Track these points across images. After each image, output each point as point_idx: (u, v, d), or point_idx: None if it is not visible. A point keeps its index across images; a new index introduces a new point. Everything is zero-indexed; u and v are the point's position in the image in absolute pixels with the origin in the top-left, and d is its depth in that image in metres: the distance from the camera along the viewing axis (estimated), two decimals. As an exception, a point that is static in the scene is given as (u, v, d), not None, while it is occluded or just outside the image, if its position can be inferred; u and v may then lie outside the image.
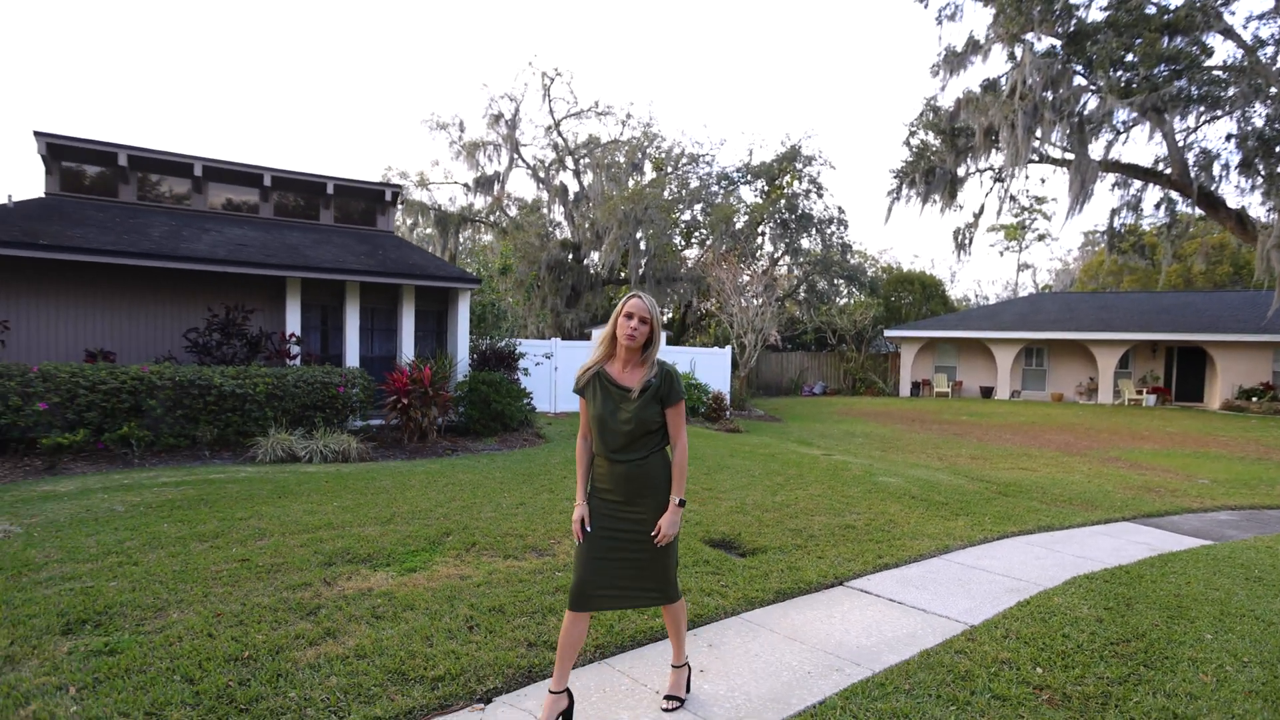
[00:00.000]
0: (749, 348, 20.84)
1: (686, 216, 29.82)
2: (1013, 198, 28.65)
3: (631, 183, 27.01)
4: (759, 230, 29.46)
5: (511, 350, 12.75)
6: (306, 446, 8.40)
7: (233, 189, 12.92)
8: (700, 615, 3.92)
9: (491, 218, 29.53)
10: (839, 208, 29.61)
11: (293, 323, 10.95)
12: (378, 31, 67.35)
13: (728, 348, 18.99)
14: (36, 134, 11.04)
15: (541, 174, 28.18)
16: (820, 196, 29.24)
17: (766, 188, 30.02)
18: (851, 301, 31.75)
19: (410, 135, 69.06)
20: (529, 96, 39.29)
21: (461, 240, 30.85)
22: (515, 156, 27.12)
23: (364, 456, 8.71)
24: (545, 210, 28.64)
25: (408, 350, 11.88)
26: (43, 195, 11.41)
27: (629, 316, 2.75)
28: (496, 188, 27.21)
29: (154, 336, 10.51)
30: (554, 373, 15.54)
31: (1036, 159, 24.25)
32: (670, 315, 31.42)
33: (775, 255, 29.93)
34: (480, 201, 28.76)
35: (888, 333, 27.33)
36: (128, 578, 4.07)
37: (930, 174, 23.64)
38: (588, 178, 27.68)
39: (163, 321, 10.62)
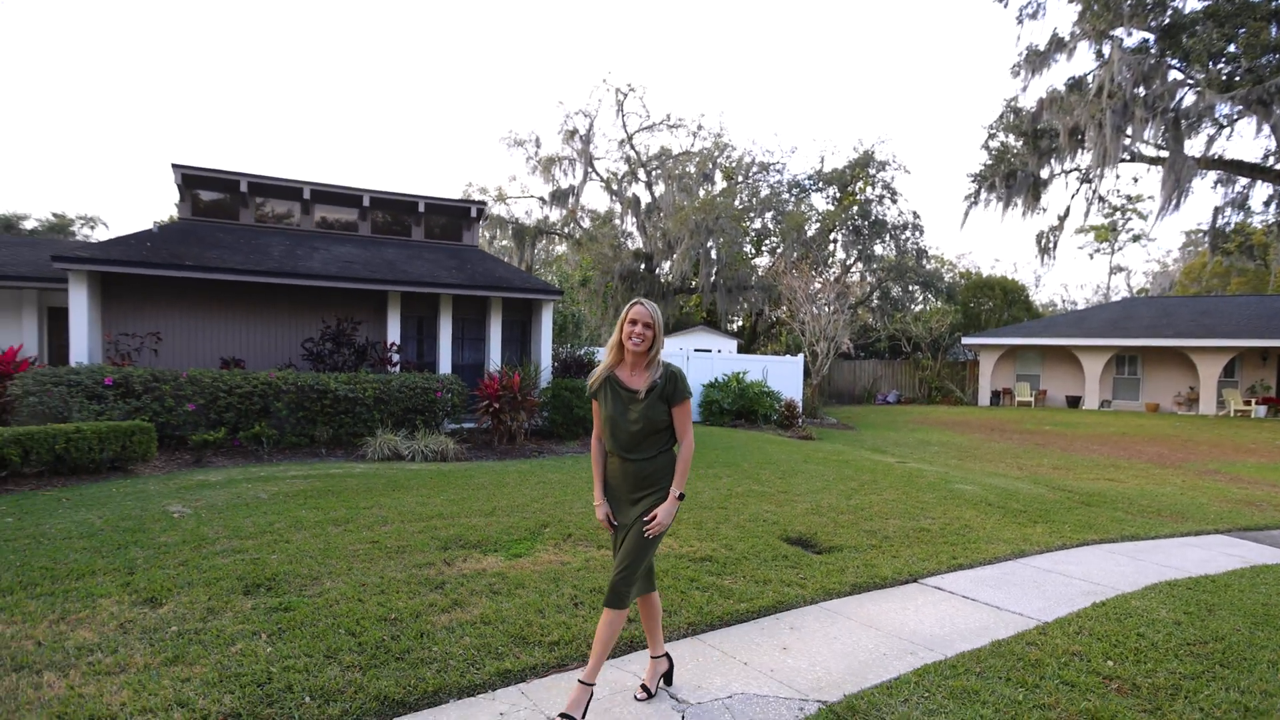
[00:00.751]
0: (821, 356, 20.83)
1: (757, 225, 29.98)
2: (1101, 198, 27.46)
3: (702, 193, 27.41)
4: (831, 237, 29.30)
5: (590, 358, 13.35)
6: (409, 446, 9.18)
7: (335, 209, 14.11)
8: (781, 602, 4.26)
9: (566, 229, 30.53)
10: (914, 213, 29.13)
11: (393, 332, 11.90)
12: (460, 55, 70.50)
13: (800, 356, 19.06)
14: (174, 166, 12.44)
15: (614, 186, 28.97)
16: (894, 202, 28.85)
17: (838, 194, 29.81)
18: (927, 308, 31.04)
19: (489, 152, 71.92)
20: (603, 112, 40.32)
21: (536, 251, 32.03)
22: (589, 170, 28.02)
23: (459, 456, 9.43)
24: (618, 221, 29.41)
25: (495, 358, 12.66)
26: (177, 219, 12.84)
27: (633, 323, 2.92)
28: (571, 200, 28.16)
29: (275, 345, 11.66)
30: (629, 380, 16.04)
31: (1128, 158, 23.22)
32: (740, 323, 31.57)
33: (848, 262, 29.66)
34: (555, 214, 29.83)
35: (965, 340, 26.60)
36: (284, 552, 4.76)
37: (1011, 177, 22.99)
38: (659, 189, 28.27)
39: (281, 331, 11.76)
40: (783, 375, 18.05)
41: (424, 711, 2.88)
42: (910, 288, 30.23)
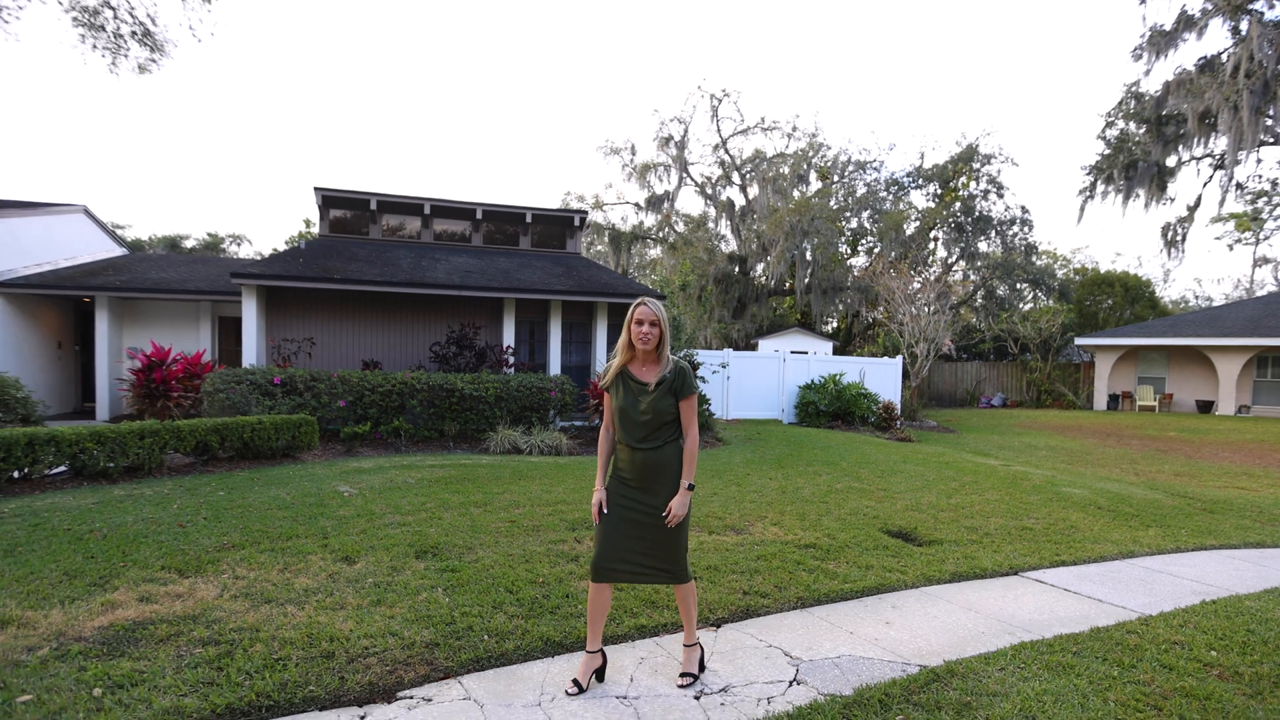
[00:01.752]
0: (920, 357, 20.42)
1: (853, 224, 29.56)
2: (1239, 185, 25.21)
3: (797, 194, 27.36)
4: (931, 235, 28.46)
5: (690, 359, 13.86)
6: (527, 441, 10.03)
7: (450, 222, 15.34)
8: (883, 585, 4.61)
9: (661, 234, 31.23)
10: (1021, 207, 27.85)
11: (508, 336, 12.89)
12: (559, 69, 72.99)
13: (898, 357, 18.80)
14: (315, 189, 13.98)
15: (709, 190, 29.38)
16: (1000, 196, 27.71)
17: (939, 191, 28.92)
18: (1036, 307, 29.50)
19: (586, 161, 74.02)
20: (697, 117, 40.90)
21: (631, 255, 32.89)
22: (684, 175, 28.57)
23: (571, 451, 10.18)
24: (712, 225, 29.80)
25: (601, 360, 13.42)
26: (317, 235, 14.40)
27: (639, 323, 3.09)
28: (666, 205, 28.81)
29: (405, 348, 12.92)
30: (727, 381, 16.45)
31: (1270, 140, 21.33)
32: (835, 325, 31.18)
33: (949, 260, 28.71)
34: (650, 219, 30.59)
35: (1079, 340, 25.14)
36: (439, 527, 5.55)
37: (1131, 167, 21.63)
38: (753, 191, 28.44)
39: (410, 335, 13.01)
40: (880, 377, 17.89)
41: (578, 652, 3.48)
42: (1018, 286, 28.89)
